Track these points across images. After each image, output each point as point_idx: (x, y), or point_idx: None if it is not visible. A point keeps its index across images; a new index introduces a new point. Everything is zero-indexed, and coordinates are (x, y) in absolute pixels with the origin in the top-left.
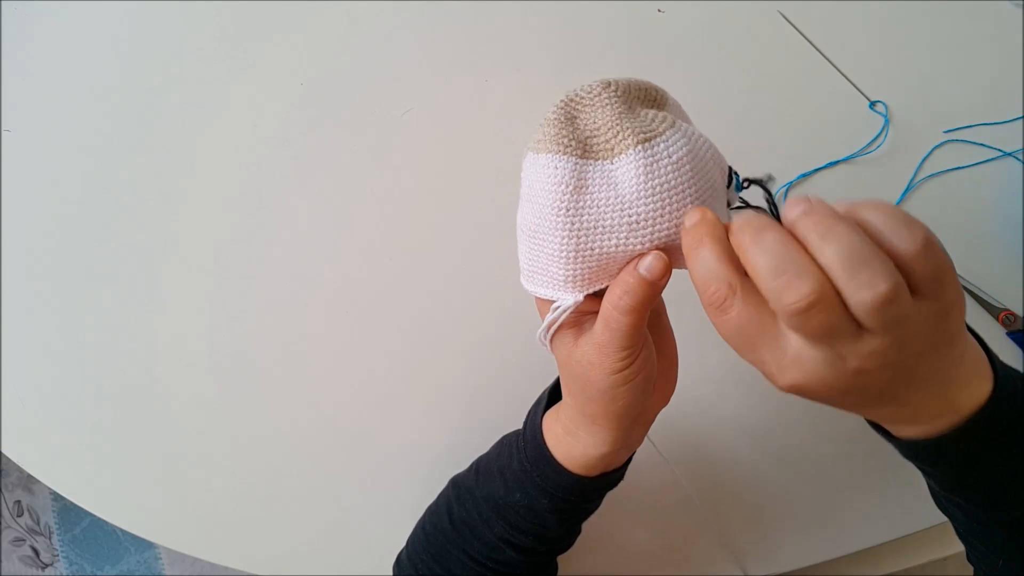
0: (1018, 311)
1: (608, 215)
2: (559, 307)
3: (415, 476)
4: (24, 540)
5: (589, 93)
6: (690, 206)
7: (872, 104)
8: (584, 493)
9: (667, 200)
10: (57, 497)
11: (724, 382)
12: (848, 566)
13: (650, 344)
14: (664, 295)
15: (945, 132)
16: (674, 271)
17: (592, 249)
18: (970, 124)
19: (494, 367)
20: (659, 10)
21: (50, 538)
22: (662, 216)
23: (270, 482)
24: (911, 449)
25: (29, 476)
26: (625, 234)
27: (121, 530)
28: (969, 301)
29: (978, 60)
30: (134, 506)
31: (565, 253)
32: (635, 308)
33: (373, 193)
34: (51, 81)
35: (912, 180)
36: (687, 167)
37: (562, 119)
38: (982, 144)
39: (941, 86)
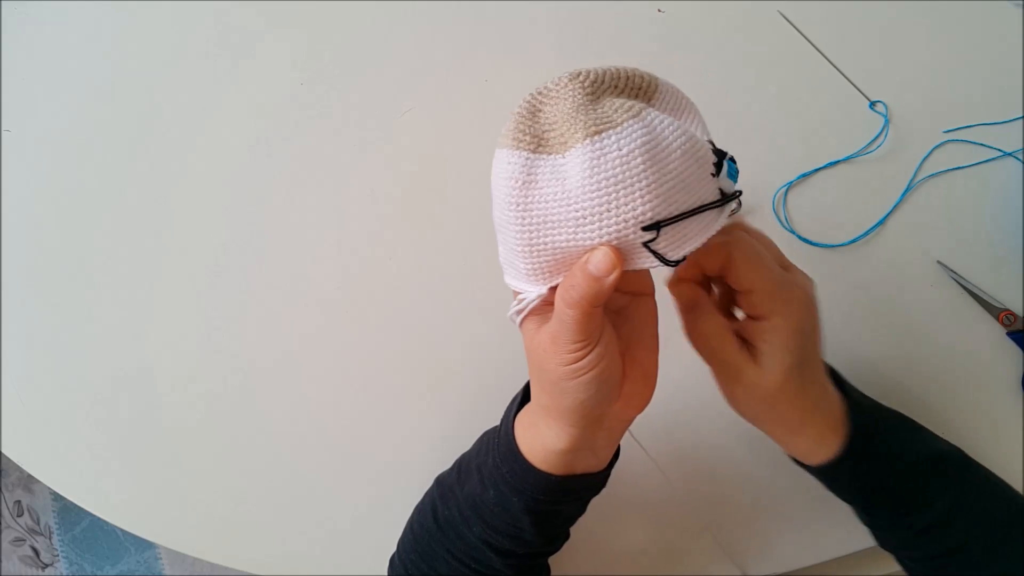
0: (1018, 311)
1: (556, 210)
2: (524, 299)
3: (415, 477)
4: (24, 540)
5: (556, 85)
6: (640, 204)
7: (872, 104)
8: (553, 493)
9: (613, 195)
10: (57, 497)
11: None
12: (848, 566)
13: (608, 344)
14: (658, 292)
15: (945, 132)
16: None
17: (545, 244)
18: (970, 124)
19: (494, 368)
20: (659, 10)
21: (50, 538)
22: (608, 211)
23: (270, 482)
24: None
25: (29, 476)
26: (573, 229)
27: (121, 530)
28: (969, 301)
29: (978, 60)
30: (134, 506)
31: (522, 247)
32: (579, 303)
33: (373, 193)
34: (51, 81)
35: (912, 180)
36: (638, 160)
37: (524, 114)
38: (982, 144)
39: (941, 86)
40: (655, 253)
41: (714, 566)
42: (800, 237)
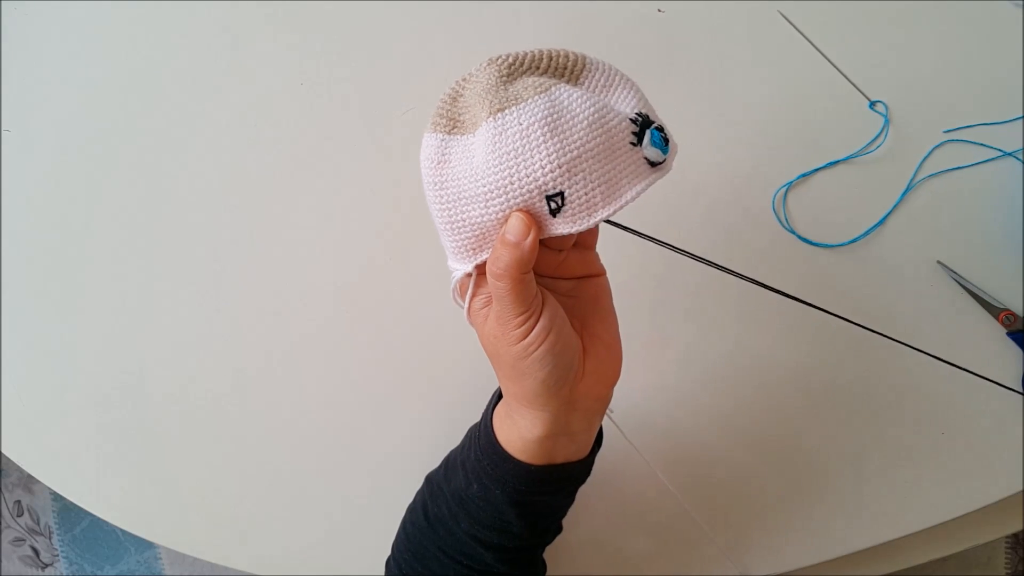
0: (1018, 311)
1: (467, 186)
2: (454, 277)
3: (414, 476)
4: (24, 540)
5: (477, 69)
6: (545, 175)
7: (872, 104)
8: (534, 483)
9: (514, 168)
10: (57, 497)
11: (718, 384)
12: (848, 566)
13: (553, 317)
14: (654, 295)
15: (945, 132)
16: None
17: (463, 220)
18: (970, 124)
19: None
20: (659, 10)
21: (50, 538)
22: (512, 184)
23: (270, 483)
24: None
25: (29, 476)
26: (483, 203)
27: (121, 530)
28: (969, 301)
29: (978, 60)
30: (134, 506)
31: (443, 224)
32: (507, 271)
33: (373, 193)
34: (51, 81)
35: (912, 180)
36: (537, 132)
37: (447, 99)
38: (982, 144)
39: (941, 86)
40: (564, 222)
41: (714, 566)
42: (800, 237)
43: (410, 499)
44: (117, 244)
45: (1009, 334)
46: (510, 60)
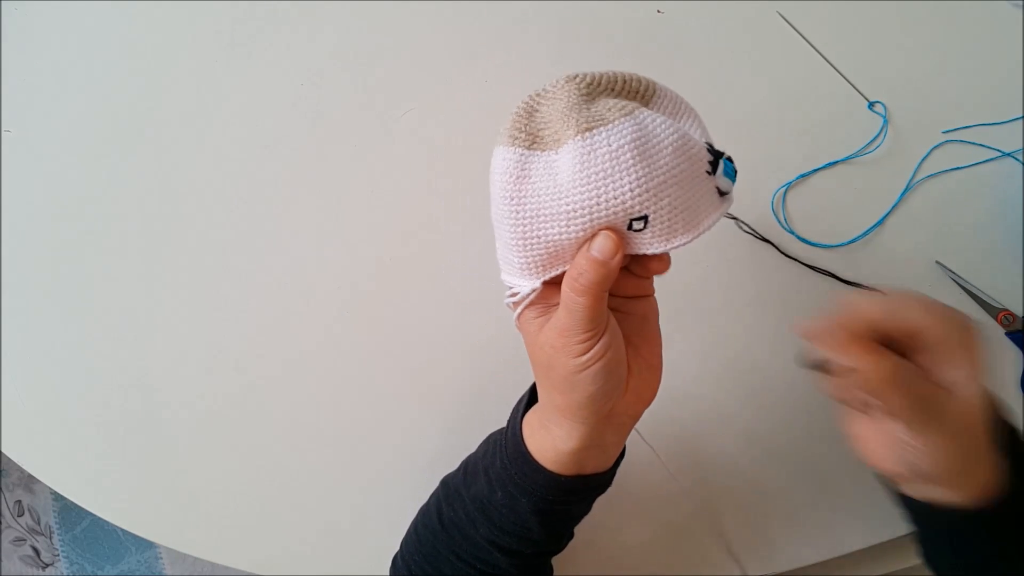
0: (1017, 311)
1: (548, 203)
2: (518, 294)
3: (414, 477)
4: (25, 540)
5: (554, 86)
6: (626, 200)
7: (871, 104)
8: (562, 493)
9: (602, 188)
10: (58, 497)
11: (722, 382)
12: (848, 566)
13: (614, 334)
14: (661, 294)
15: (944, 132)
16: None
17: (538, 237)
18: (969, 124)
19: (493, 369)
20: (659, 11)
21: (51, 538)
22: (598, 204)
23: (270, 482)
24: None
25: (30, 476)
26: (565, 222)
27: (121, 530)
28: (968, 301)
29: (978, 60)
30: (134, 506)
31: (516, 240)
32: (589, 289)
33: (373, 193)
34: (51, 81)
35: (911, 180)
36: (627, 155)
37: (523, 113)
38: (981, 144)
39: (941, 86)
40: (643, 244)
41: (715, 565)
42: (799, 237)
43: (411, 500)
44: (116, 243)
45: (1008, 334)
46: (588, 79)
